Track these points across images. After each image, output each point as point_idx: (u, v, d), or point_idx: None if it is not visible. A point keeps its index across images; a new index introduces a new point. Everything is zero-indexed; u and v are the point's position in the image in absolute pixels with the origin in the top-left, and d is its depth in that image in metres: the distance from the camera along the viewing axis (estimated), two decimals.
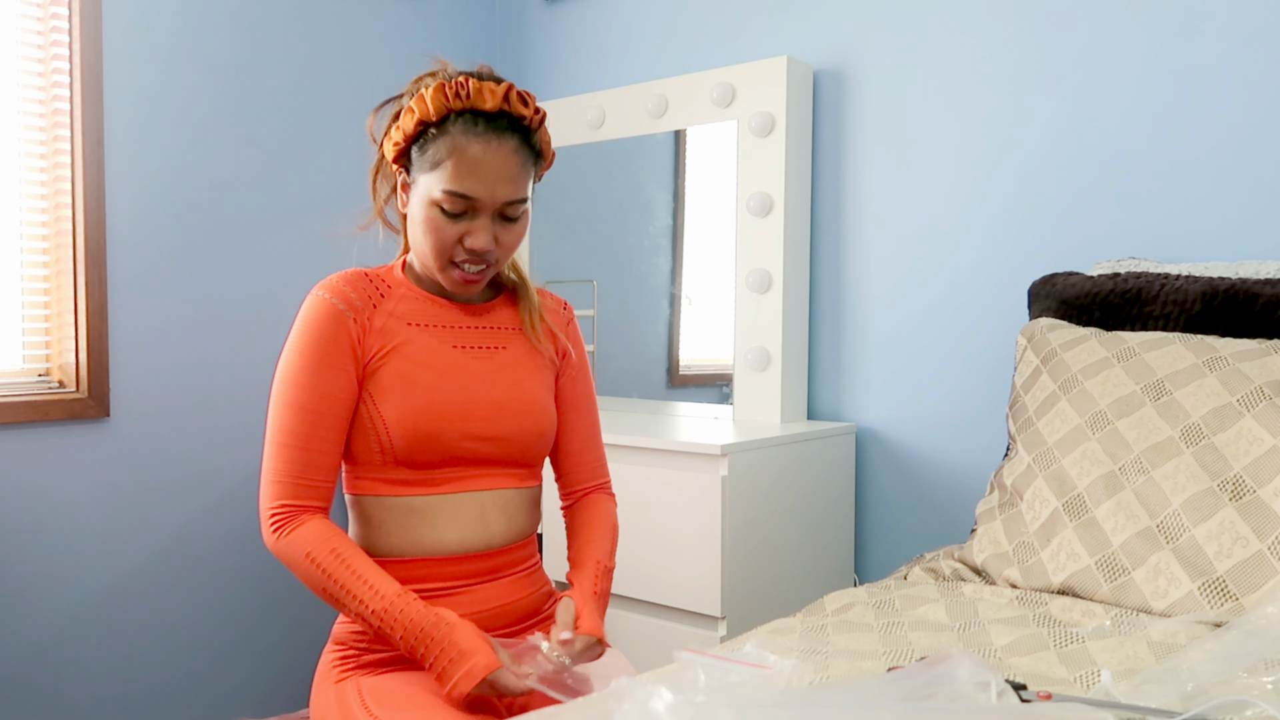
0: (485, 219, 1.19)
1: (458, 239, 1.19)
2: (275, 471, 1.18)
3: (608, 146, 2.38)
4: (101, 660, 2.05)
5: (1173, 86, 1.75)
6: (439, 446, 1.20)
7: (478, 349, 1.27)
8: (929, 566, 1.48)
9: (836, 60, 2.16)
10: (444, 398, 1.21)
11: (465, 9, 2.72)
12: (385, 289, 1.25)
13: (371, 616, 1.12)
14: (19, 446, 1.94)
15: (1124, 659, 1.06)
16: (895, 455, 2.10)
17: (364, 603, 1.12)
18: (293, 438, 1.17)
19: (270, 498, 1.18)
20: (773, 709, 0.75)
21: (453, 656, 1.09)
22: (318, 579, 1.14)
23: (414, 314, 1.25)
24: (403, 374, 1.20)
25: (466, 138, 1.16)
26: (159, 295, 2.13)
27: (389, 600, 1.12)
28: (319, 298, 1.22)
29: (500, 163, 1.17)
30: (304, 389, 1.18)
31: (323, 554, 1.14)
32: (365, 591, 1.12)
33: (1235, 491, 1.23)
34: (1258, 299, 1.45)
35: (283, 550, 1.16)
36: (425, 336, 1.24)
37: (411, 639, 1.11)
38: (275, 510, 1.17)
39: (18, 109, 1.98)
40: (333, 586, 1.13)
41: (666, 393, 2.32)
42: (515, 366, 1.29)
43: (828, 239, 2.18)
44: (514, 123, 1.19)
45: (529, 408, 1.27)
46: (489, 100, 1.16)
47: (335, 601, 1.14)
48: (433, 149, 1.18)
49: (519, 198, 1.20)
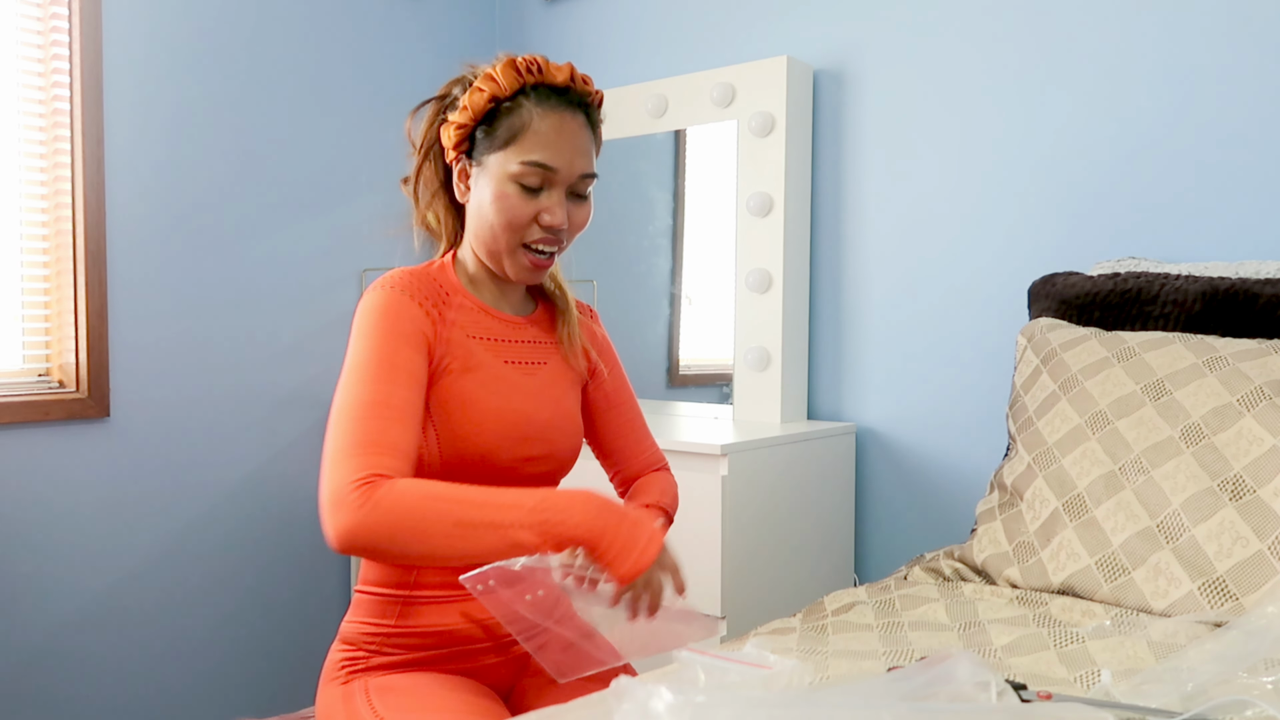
0: (560, 193, 1.17)
1: (533, 217, 1.17)
2: (354, 443, 1.03)
3: (608, 146, 2.37)
4: (102, 660, 2.05)
5: (1173, 86, 1.75)
6: (486, 466, 1.16)
7: (525, 364, 1.24)
8: (929, 566, 1.48)
9: (836, 60, 2.16)
10: (499, 420, 1.17)
11: (465, 9, 2.72)
12: (445, 295, 1.20)
13: (532, 515, 0.99)
14: (19, 446, 1.94)
15: (1124, 659, 1.06)
16: (895, 455, 2.10)
17: (518, 505, 0.99)
18: (374, 407, 1.05)
19: (351, 470, 1.01)
20: (773, 709, 0.75)
21: (634, 533, 1.00)
22: (448, 511, 0.99)
23: (471, 325, 1.21)
24: (463, 392, 1.16)
25: (542, 109, 1.16)
26: (159, 295, 2.13)
27: (537, 492, 1.01)
28: (393, 292, 1.14)
29: (574, 134, 1.17)
30: (385, 360, 1.09)
31: (438, 486, 1.02)
32: (512, 495, 1.01)
33: (1235, 491, 1.23)
34: (1258, 299, 1.45)
35: (383, 510, 0.99)
36: (482, 351, 1.20)
37: (589, 522, 0.99)
38: (359, 480, 1.00)
39: (18, 109, 1.98)
40: (470, 510, 0.99)
41: (666, 392, 2.32)
42: (557, 382, 1.27)
43: (828, 239, 2.18)
44: (580, 99, 1.19)
45: (572, 426, 1.27)
46: (559, 75, 1.18)
47: (476, 529, 0.99)
48: (505, 125, 1.16)
49: (592, 172, 1.20)
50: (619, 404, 1.37)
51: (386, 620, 1.20)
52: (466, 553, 1.00)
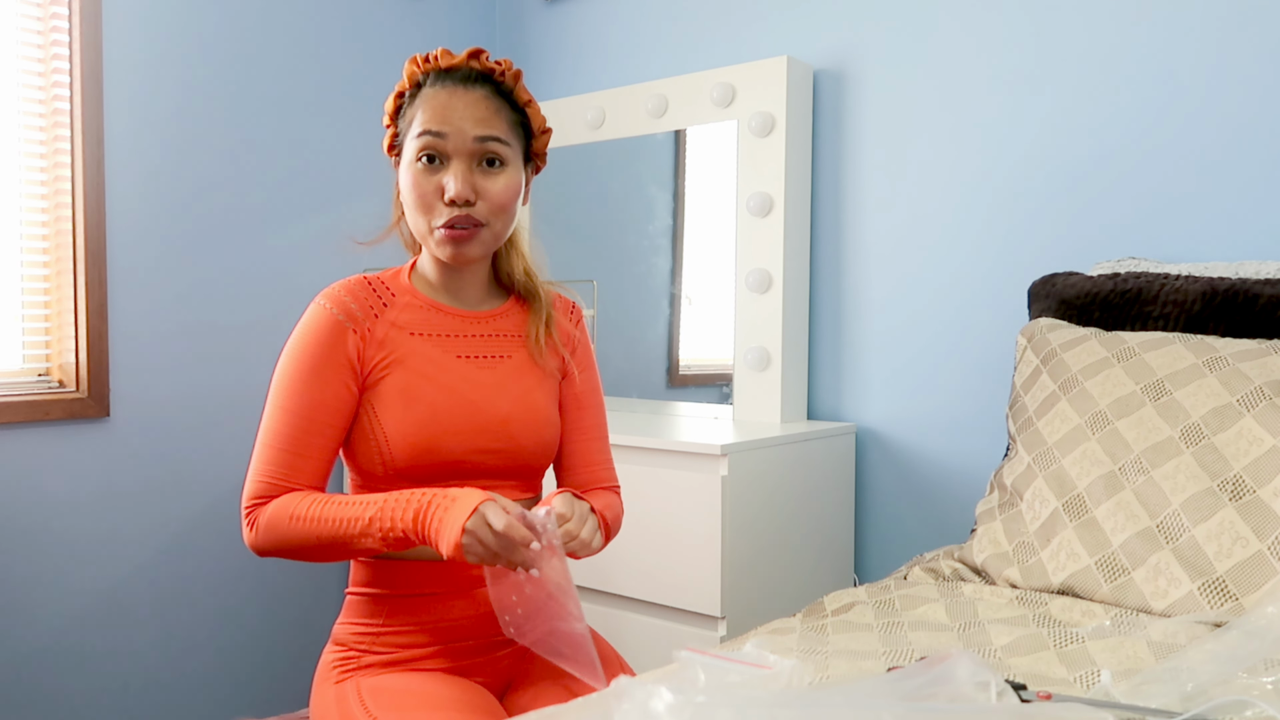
0: (459, 164, 1.17)
1: (437, 192, 1.18)
2: (257, 472, 1.16)
3: (608, 146, 2.38)
4: (101, 659, 2.05)
5: (1173, 86, 1.75)
6: (440, 459, 1.18)
7: (482, 358, 1.25)
8: (929, 566, 1.48)
9: (836, 60, 2.16)
10: (446, 411, 1.19)
11: (465, 9, 2.72)
12: (389, 297, 1.23)
13: (371, 525, 1.08)
14: (19, 446, 1.94)
15: (1124, 659, 1.06)
16: (895, 455, 2.10)
17: (359, 519, 1.09)
18: (279, 440, 1.16)
19: (247, 496, 1.16)
20: (773, 709, 0.75)
21: (446, 506, 1.06)
22: (309, 530, 1.11)
23: (417, 323, 1.23)
24: (404, 386, 1.19)
25: (434, 89, 1.20)
26: (159, 295, 2.13)
27: (375, 500, 1.10)
28: (320, 307, 1.20)
29: (468, 104, 1.18)
30: (295, 395, 1.17)
31: (302, 505, 1.12)
32: (355, 509, 1.10)
33: (1235, 491, 1.23)
34: (1258, 299, 1.45)
35: (263, 533, 1.14)
36: (428, 347, 1.22)
37: (411, 514, 1.07)
38: (250, 505, 1.16)
39: (18, 109, 1.98)
40: (326, 526, 1.10)
41: (666, 393, 2.32)
42: (522, 376, 1.27)
43: (828, 239, 2.18)
44: (482, 75, 1.21)
45: (536, 420, 1.26)
46: (454, 59, 1.21)
47: (337, 542, 1.11)
48: (407, 114, 1.22)
49: (491, 135, 1.18)
50: (584, 407, 1.34)
51: (375, 620, 1.20)
52: (335, 559, 1.15)
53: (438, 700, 1.11)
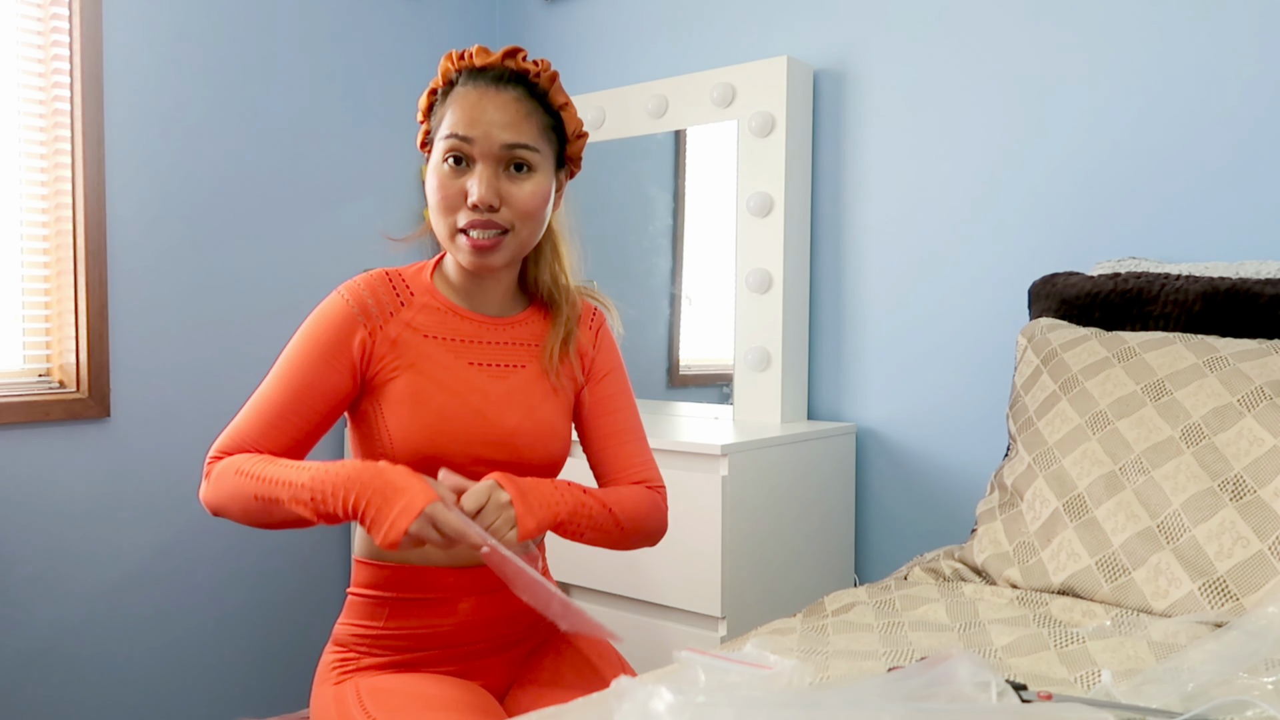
0: (485, 168, 1.15)
1: (461, 195, 1.15)
2: (230, 429, 1.17)
3: (608, 146, 2.38)
4: (101, 660, 2.05)
5: (1172, 86, 1.75)
6: (442, 464, 1.15)
7: (495, 367, 1.22)
8: (929, 566, 1.48)
9: (836, 60, 2.16)
10: (453, 418, 1.17)
11: (465, 9, 2.72)
12: (408, 296, 1.22)
13: (304, 492, 1.06)
14: (19, 446, 1.94)
15: (1124, 659, 1.06)
16: (895, 455, 2.10)
17: (292, 483, 1.07)
18: (262, 405, 1.17)
19: (213, 448, 1.16)
20: (773, 709, 0.75)
21: (387, 495, 1.03)
22: (247, 486, 1.09)
23: (432, 326, 1.21)
24: (413, 390, 1.17)
25: (466, 88, 1.17)
26: (159, 295, 2.13)
27: (317, 468, 1.08)
28: (338, 296, 1.20)
29: (498, 106, 1.16)
30: (290, 371, 1.17)
31: (249, 462, 1.11)
32: (294, 473, 1.08)
33: (1236, 491, 1.23)
34: (1258, 299, 1.45)
35: (212, 485, 1.13)
36: (440, 351, 1.20)
37: (342, 493, 1.05)
38: (212, 458, 1.16)
39: (18, 109, 1.98)
40: (262, 485, 1.08)
41: (666, 393, 2.32)
42: (533, 388, 1.24)
43: (828, 239, 2.18)
44: (516, 76, 1.18)
45: (543, 433, 1.23)
46: (489, 57, 1.18)
47: (270, 502, 1.08)
48: (439, 112, 1.20)
49: (519, 142, 1.15)
50: (610, 410, 1.31)
51: (375, 622, 1.20)
52: (269, 523, 1.12)
53: (437, 701, 1.11)
